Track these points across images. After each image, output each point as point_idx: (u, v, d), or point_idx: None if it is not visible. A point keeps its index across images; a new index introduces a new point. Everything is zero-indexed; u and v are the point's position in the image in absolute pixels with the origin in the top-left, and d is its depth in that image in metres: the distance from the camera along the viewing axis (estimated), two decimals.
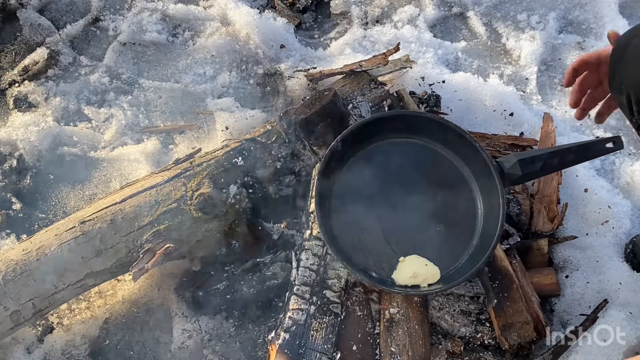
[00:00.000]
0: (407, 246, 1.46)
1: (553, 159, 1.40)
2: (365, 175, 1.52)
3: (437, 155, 1.56)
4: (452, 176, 1.55)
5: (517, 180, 1.44)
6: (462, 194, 1.53)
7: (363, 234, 1.47)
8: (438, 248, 1.46)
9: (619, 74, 1.07)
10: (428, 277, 1.41)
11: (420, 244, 1.46)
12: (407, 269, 1.42)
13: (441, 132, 1.54)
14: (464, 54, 2.12)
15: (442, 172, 1.55)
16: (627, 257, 1.63)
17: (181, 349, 1.51)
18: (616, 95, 1.11)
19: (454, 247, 1.48)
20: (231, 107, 1.91)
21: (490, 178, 1.45)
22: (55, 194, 1.78)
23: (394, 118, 1.57)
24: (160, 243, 1.43)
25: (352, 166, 1.54)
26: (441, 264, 1.43)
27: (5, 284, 1.36)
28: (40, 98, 1.94)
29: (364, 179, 1.52)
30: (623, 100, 1.08)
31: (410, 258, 1.44)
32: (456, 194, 1.53)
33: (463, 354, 1.47)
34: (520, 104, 1.94)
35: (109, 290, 1.59)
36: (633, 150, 1.93)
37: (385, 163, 1.55)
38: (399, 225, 1.48)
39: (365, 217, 1.48)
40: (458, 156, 1.55)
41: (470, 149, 1.50)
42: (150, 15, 2.12)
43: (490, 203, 1.48)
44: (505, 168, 1.43)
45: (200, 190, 1.48)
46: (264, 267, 1.54)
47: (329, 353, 1.37)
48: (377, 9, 2.20)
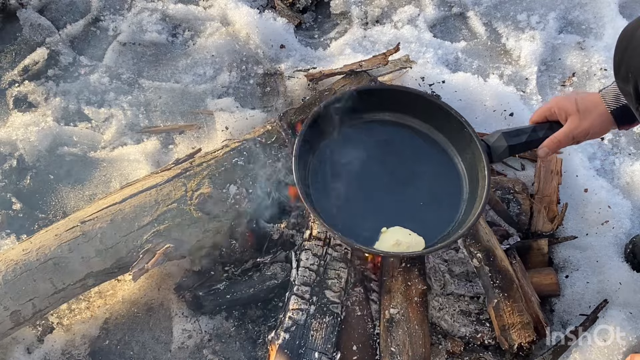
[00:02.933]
0: (390, 218, 1.44)
1: (538, 132, 1.39)
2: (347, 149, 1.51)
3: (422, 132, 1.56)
4: (437, 153, 1.55)
5: (503, 153, 1.43)
6: (448, 170, 1.53)
7: (344, 207, 1.45)
8: (422, 221, 1.45)
9: (625, 62, 1.09)
10: (412, 245, 1.39)
11: (405, 217, 1.45)
12: (390, 237, 1.40)
13: (426, 109, 1.53)
14: (464, 54, 2.12)
15: (427, 149, 1.55)
16: (627, 257, 1.63)
17: (181, 349, 1.51)
18: (622, 84, 1.13)
19: (438, 221, 1.47)
20: (231, 107, 1.91)
21: (475, 153, 1.45)
22: (55, 194, 1.78)
23: (379, 92, 1.57)
24: (160, 243, 1.43)
25: (335, 138, 1.53)
26: (426, 237, 1.42)
27: (5, 284, 1.36)
28: (40, 98, 1.94)
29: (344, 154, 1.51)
30: (629, 89, 1.10)
31: (394, 228, 1.43)
32: (441, 170, 1.53)
33: (463, 354, 1.47)
34: (520, 104, 1.94)
35: (109, 290, 1.59)
36: (633, 150, 1.93)
37: (370, 138, 1.54)
38: (382, 199, 1.47)
39: (347, 191, 1.47)
40: (443, 133, 1.55)
41: (456, 125, 1.49)
42: (150, 15, 2.12)
43: (475, 179, 1.47)
44: (490, 142, 1.43)
45: (200, 190, 1.48)
46: (264, 267, 1.54)
47: (329, 353, 1.37)
48: (377, 9, 2.20)
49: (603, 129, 1.32)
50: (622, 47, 1.11)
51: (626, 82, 1.11)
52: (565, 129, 1.34)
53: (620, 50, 1.11)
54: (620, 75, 1.13)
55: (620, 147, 1.93)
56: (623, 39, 1.11)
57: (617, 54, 1.12)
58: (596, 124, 1.31)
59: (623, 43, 1.11)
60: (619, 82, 1.15)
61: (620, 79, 1.14)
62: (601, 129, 1.33)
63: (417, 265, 1.49)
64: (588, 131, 1.32)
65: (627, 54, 1.09)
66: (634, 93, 1.10)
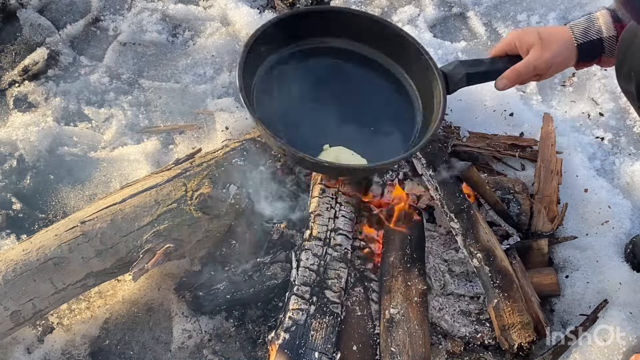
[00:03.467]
0: (335, 139, 1.40)
1: (498, 63, 1.34)
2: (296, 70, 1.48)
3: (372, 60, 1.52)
4: (389, 80, 1.51)
5: (460, 81, 1.37)
6: (400, 98, 1.49)
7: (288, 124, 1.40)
8: (371, 147, 1.40)
9: (627, 62, 1.09)
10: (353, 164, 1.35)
11: (352, 141, 1.40)
12: (331, 154, 1.36)
13: (379, 34, 1.49)
14: (464, 54, 2.12)
15: (379, 76, 1.51)
16: (627, 257, 1.63)
17: (181, 349, 1.51)
18: (624, 83, 1.13)
19: (387, 148, 1.42)
20: (231, 107, 1.91)
21: (432, 80, 1.39)
22: (55, 194, 1.78)
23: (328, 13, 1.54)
24: (160, 243, 1.43)
25: (284, 58, 1.49)
26: (370, 160, 1.38)
27: (5, 284, 1.36)
28: (40, 98, 1.94)
29: (292, 75, 1.47)
30: (632, 88, 1.10)
31: (337, 147, 1.38)
32: (394, 97, 1.49)
33: (463, 354, 1.47)
34: (520, 104, 1.94)
35: (109, 290, 1.59)
36: (633, 150, 1.93)
37: (319, 64, 1.51)
38: (329, 122, 1.42)
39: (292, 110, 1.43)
40: (395, 61, 1.51)
41: (412, 52, 1.45)
42: (150, 15, 2.12)
43: (430, 107, 1.43)
44: (448, 70, 1.38)
45: (200, 190, 1.48)
46: (264, 267, 1.54)
47: (329, 353, 1.37)
48: (377, 9, 2.20)
49: (566, 60, 1.26)
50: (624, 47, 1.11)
51: (628, 81, 1.11)
52: (525, 60, 1.27)
53: (623, 49, 1.11)
54: (622, 74, 1.12)
55: (620, 147, 1.93)
56: (625, 39, 1.11)
57: (620, 53, 1.12)
58: (559, 54, 1.24)
59: (625, 43, 1.11)
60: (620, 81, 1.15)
61: (622, 79, 1.14)
62: (564, 60, 1.26)
63: (417, 265, 1.49)
64: (550, 62, 1.25)
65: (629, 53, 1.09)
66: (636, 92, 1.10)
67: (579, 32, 1.23)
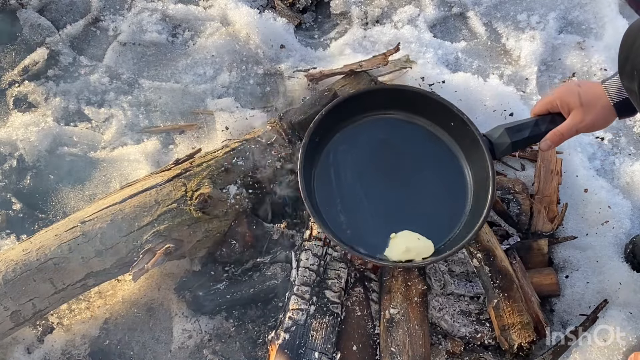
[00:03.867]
0: (398, 222, 1.44)
1: (541, 126, 1.38)
2: (350, 152, 1.51)
3: (424, 130, 1.55)
4: (440, 151, 1.54)
5: (506, 149, 1.42)
6: (451, 169, 1.52)
7: (350, 211, 1.45)
8: (429, 223, 1.44)
9: (630, 60, 1.09)
10: (421, 251, 1.39)
11: (412, 219, 1.44)
12: (400, 244, 1.40)
13: (428, 107, 1.52)
14: (464, 54, 2.12)
15: (430, 148, 1.54)
16: (627, 257, 1.63)
17: (181, 349, 1.51)
18: (627, 82, 1.13)
19: (445, 221, 1.46)
20: (231, 107, 1.91)
21: (479, 151, 1.43)
22: (55, 194, 1.78)
23: (381, 92, 1.56)
24: (160, 243, 1.43)
25: (337, 143, 1.52)
26: (434, 238, 1.42)
27: (5, 284, 1.36)
28: (40, 98, 1.94)
29: (349, 155, 1.50)
30: (634, 87, 1.10)
31: (402, 233, 1.42)
32: (445, 169, 1.52)
33: (463, 354, 1.47)
34: (520, 104, 1.94)
35: (109, 290, 1.59)
36: (633, 150, 1.93)
37: (371, 139, 1.53)
38: (388, 201, 1.46)
39: (353, 194, 1.46)
40: (445, 130, 1.54)
41: (458, 123, 1.48)
42: (150, 15, 2.12)
43: (480, 176, 1.46)
44: (493, 138, 1.42)
45: (200, 190, 1.48)
46: (264, 267, 1.54)
47: (329, 353, 1.37)
48: (377, 9, 2.20)
49: (606, 121, 1.31)
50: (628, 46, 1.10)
51: (631, 80, 1.11)
52: (569, 123, 1.33)
53: (626, 48, 1.11)
54: (626, 73, 1.12)
55: (620, 147, 1.93)
56: (628, 37, 1.11)
57: (623, 51, 1.12)
58: (600, 117, 1.29)
59: (629, 41, 1.10)
60: (624, 80, 1.15)
61: (625, 77, 1.13)
62: (604, 122, 1.31)
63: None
64: (592, 124, 1.31)
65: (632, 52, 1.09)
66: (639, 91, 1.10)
67: (614, 92, 1.27)
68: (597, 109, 1.29)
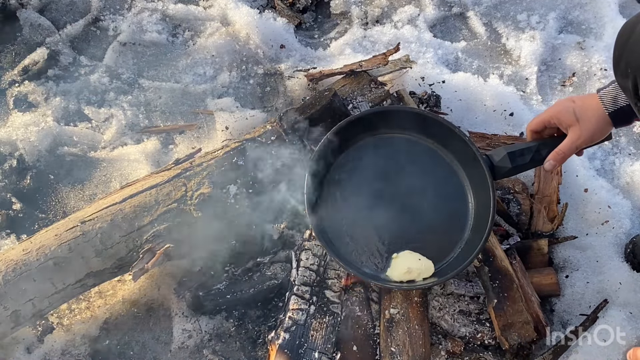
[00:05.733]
0: (400, 241, 1.46)
1: (542, 151, 1.39)
2: (354, 171, 1.52)
3: (426, 150, 1.56)
4: (442, 171, 1.55)
5: (506, 173, 1.43)
6: (453, 188, 1.53)
7: (354, 230, 1.47)
8: (430, 242, 1.46)
9: (624, 58, 1.09)
10: (422, 271, 1.41)
11: (413, 239, 1.46)
12: (401, 265, 1.42)
13: (430, 127, 1.53)
14: (464, 54, 2.12)
15: (432, 167, 1.55)
16: (627, 257, 1.63)
17: (181, 349, 1.51)
18: (621, 80, 1.13)
19: (446, 241, 1.48)
20: (231, 107, 1.91)
21: (480, 171, 1.45)
22: (55, 194, 1.78)
23: (383, 114, 1.57)
24: (160, 243, 1.43)
25: (342, 162, 1.54)
26: (434, 258, 1.44)
27: (5, 284, 1.36)
28: (40, 98, 1.94)
29: (353, 175, 1.52)
30: (628, 84, 1.10)
31: (404, 254, 1.44)
32: (446, 188, 1.53)
33: (463, 354, 1.47)
34: (520, 104, 1.94)
35: (109, 290, 1.59)
36: (633, 150, 1.93)
37: (375, 159, 1.54)
38: (390, 221, 1.48)
39: (356, 213, 1.48)
40: (447, 150, 1.55)
41: (460, 143, 1.50)
42: (150, 15, 2.12)
43: (480, 196, 1.48)
44: (495, 161, 1.43)
45: (200, 190, 1.48)
46: (264, 267, 1.54)
47: (329, 353, 1.37)
48: (377, 9, 2.20)
49: (603, 131, 1.32)
50: (622, 43, 1.10)
51: (625, 78, 1.11)
52: (568, 142, 1.34)
53: (620, 45, 1.11)
54: (620, 70, 1.12)
55: (620, 147, 1.93)
56: (623, 34, 1.11)
57: (617, 49, 1.12)
58: (596, 129, 1.31)
59: (623, 38, 1.11)
60: (618, 77, 1.15)
61: (619, 75, 1.14)
62: (602, 132, 1.33)
63: None
64: (590, 138, 1.32)
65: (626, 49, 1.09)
66: (633, 89, 1.10)
67: (608, 101, 1.27)
68: (592, 122, 1.30)
